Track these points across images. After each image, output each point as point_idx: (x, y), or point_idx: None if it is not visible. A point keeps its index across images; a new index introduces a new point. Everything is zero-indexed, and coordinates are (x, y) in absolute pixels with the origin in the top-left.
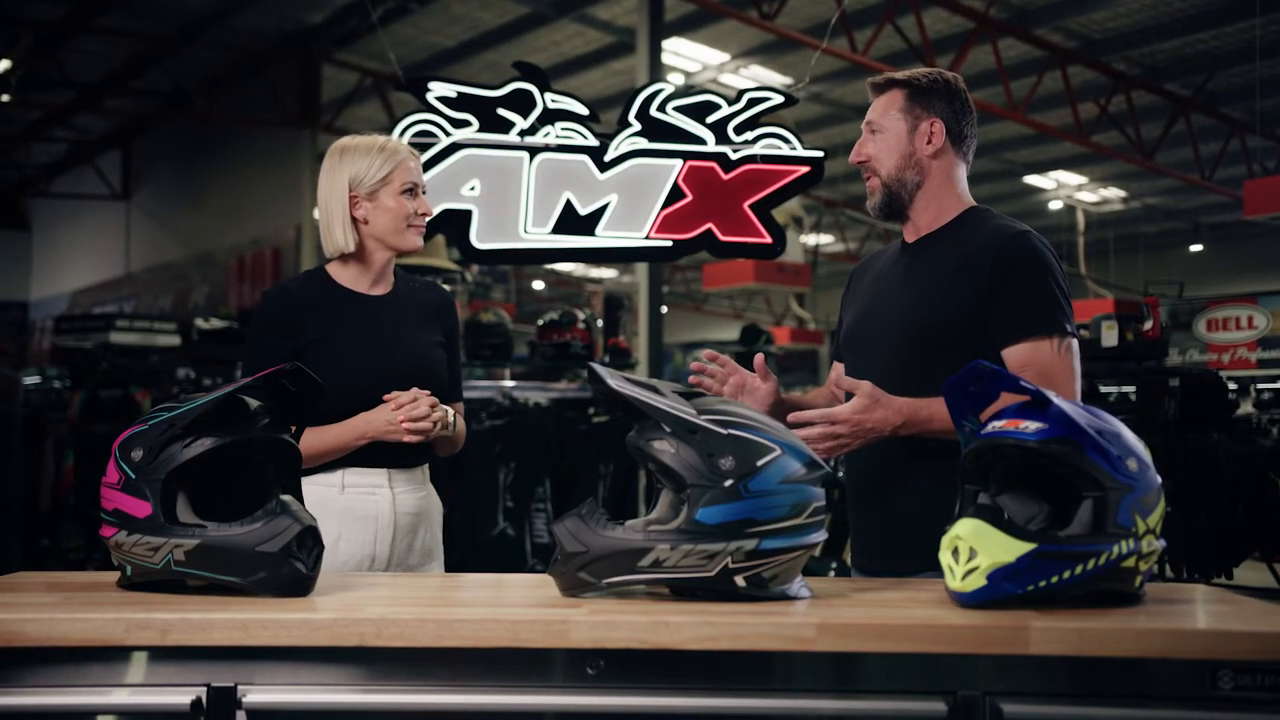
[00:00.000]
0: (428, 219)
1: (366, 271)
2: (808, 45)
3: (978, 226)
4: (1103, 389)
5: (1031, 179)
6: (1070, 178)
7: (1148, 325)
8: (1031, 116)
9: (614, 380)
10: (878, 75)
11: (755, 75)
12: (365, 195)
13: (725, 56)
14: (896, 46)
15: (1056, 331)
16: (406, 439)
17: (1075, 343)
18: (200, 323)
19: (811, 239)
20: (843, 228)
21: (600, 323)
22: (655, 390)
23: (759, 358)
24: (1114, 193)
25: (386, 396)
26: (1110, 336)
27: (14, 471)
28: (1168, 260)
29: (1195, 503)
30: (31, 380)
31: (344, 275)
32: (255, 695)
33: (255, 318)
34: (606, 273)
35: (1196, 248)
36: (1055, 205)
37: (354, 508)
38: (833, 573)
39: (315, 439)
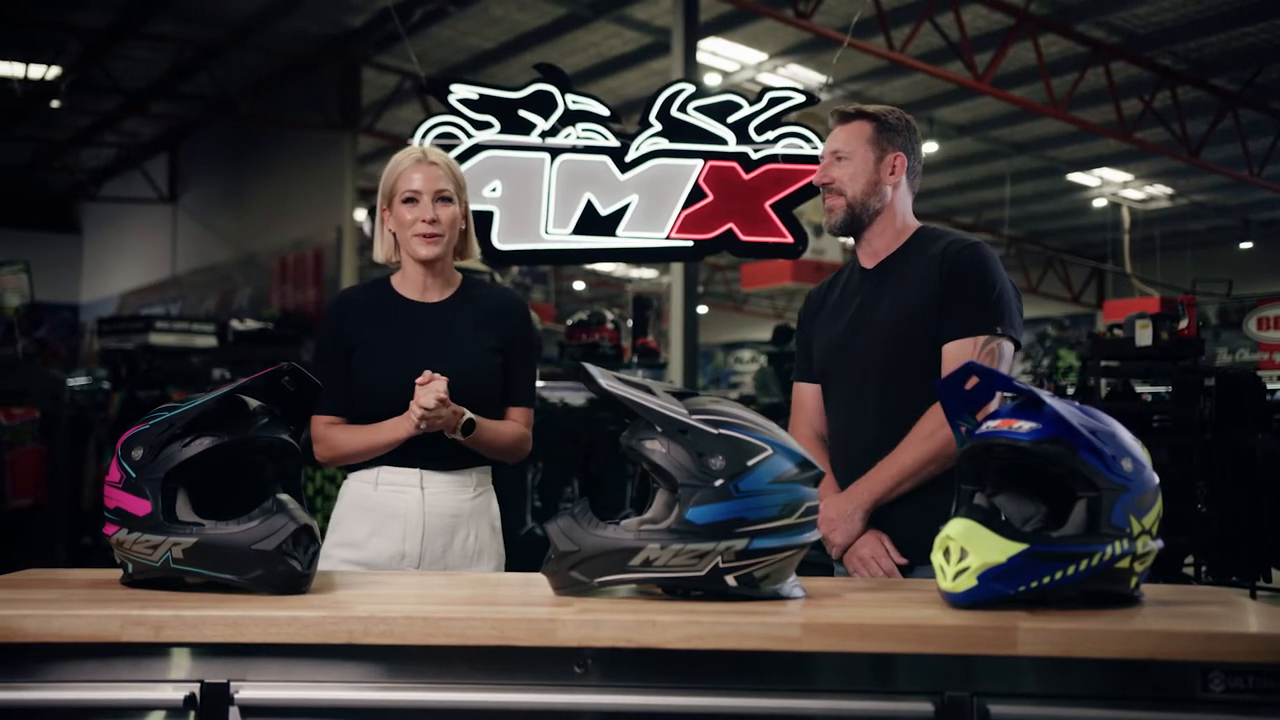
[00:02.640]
0: (434, 225)
1: (416, 280)
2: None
3: (934, 242)
4: (1138, 389)
5: (1075, 176)
6: (1115, 175)
7: (1183, 324)
8: (1073, 113)
9: (605, 380)
10: (845, 106)
11: (793, 74)
12: (388, 206)
13: (763, 56)
14: (935, 44)
15: (985, 331)
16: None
17: (1007, 345)
18: (236, 324)
19: (849, 238)
20: None
21: (630, 323)
22: (647, 390)
23: None
24: (1160, 190)
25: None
26: (1144, 336)
27: (58, 470)
28: (1217, 258)
29: (1233, 504)
30: (80, 382)
31: (401, 284)
32: (247, 691)
33: (322, 319)
34: (647, 273)
35: (1246, 245)
36: (1100, 203)
37: (385, 505)
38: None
39: (361, 435)
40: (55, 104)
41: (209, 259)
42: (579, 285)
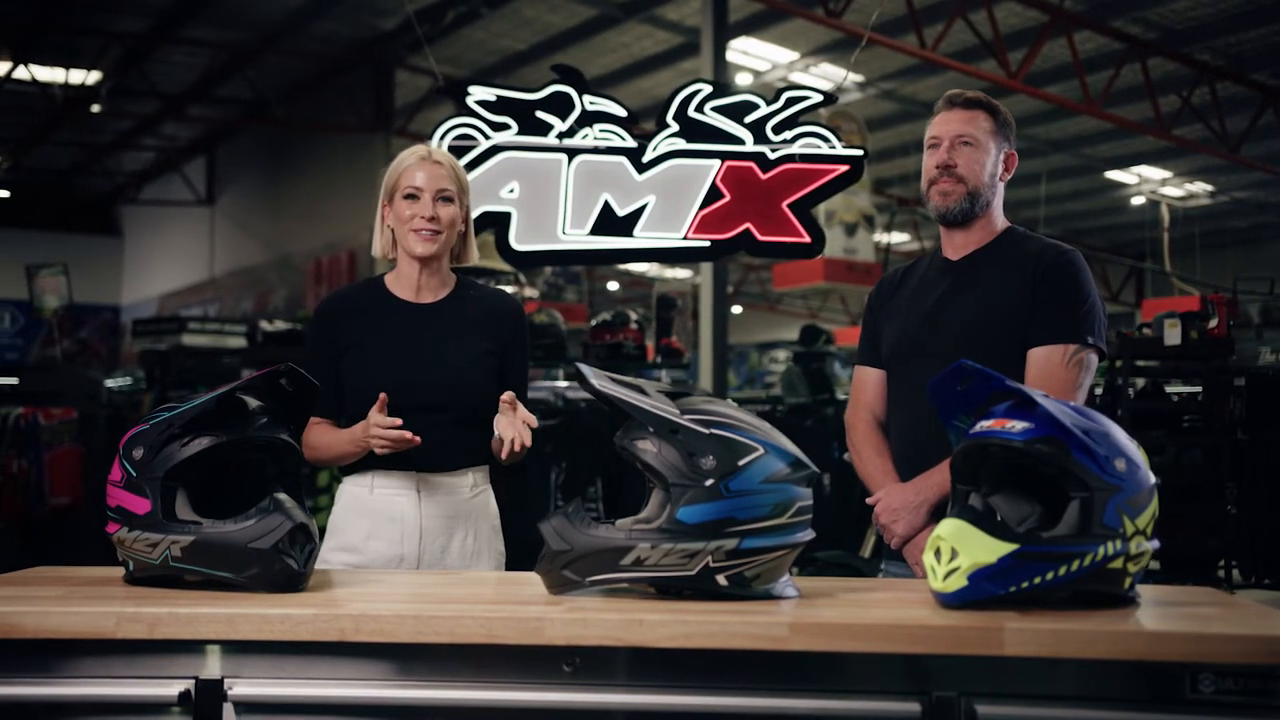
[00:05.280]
0: (433, 224)
1: (411, 279)
2: (878, 42)
3: (1025, 243)
4: (1168, 389)
5: (1113, 174)
6: (1154, 172)
7: (1213, 323)
8: (1110, 110)
9: (598, 380)
10: (964, 91)
11: (825, 73)
12: (389, 202)
13: (794, 55)
14: (968, 41)
15: (1076, 340)
16: (376, 449)
17: (1093, 356)
18: (264, 324)
19: (884, 237)
20: (917, 226)
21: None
22: (640, 390)
23: None
24: (1200, 187)
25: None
26: (1173, 335)
27: (95, 470)
28: (1259, 256)
29: (1264, 505)
30: (121, 382)
31: (394, 283)
32: (241, 688)
33: (310, 321)
34: (681, 273)
35: None
36: (1138, 201)
37: (382, 509)
38: (882, 574)
39: (331, 439)
40: (95, 108)
41: (246, 261)
42: (613, 285)
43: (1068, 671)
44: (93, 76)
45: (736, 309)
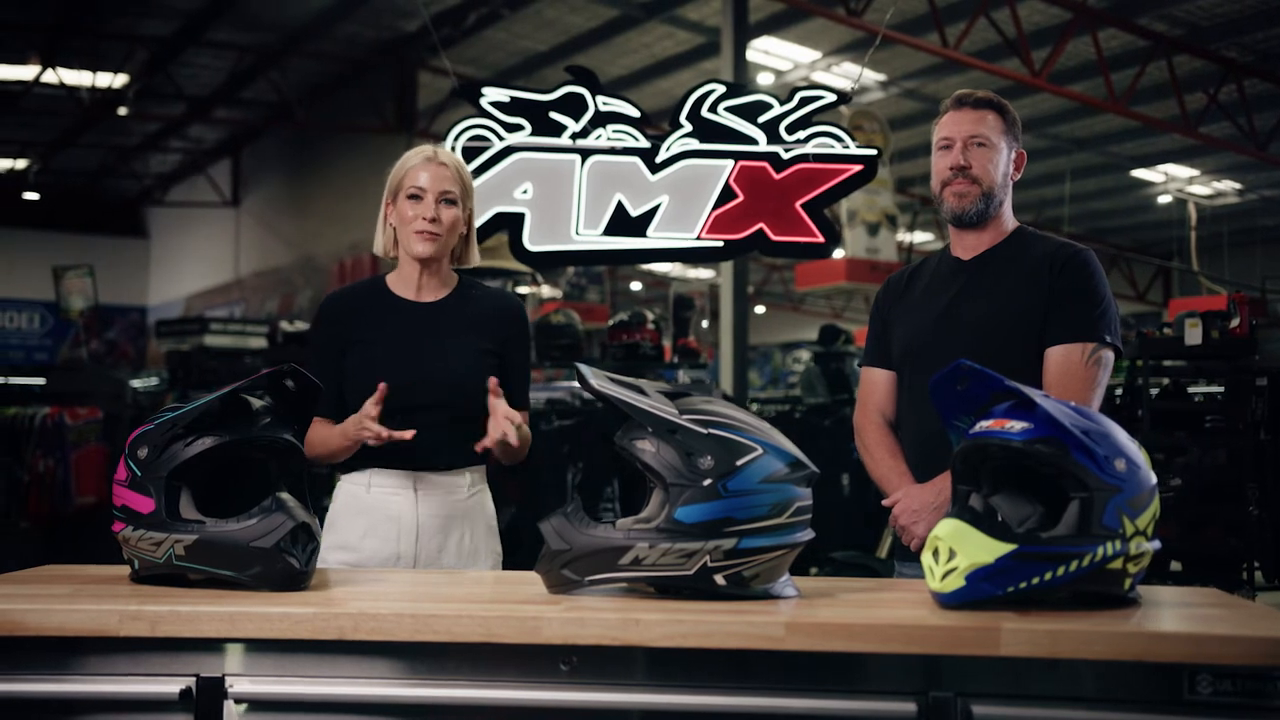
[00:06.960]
0: (435, 225)
1: (411, 278)
2: (900, 41)
3: (1038, 243)
4: (1190, 389)
5: (1139, 172)
6: (1180, 170)
7: (1234, 323)
8: (1135, 108)
9: (596, 380)
10: (974, 91)
11: (847, 72)
12: (391, 201)
13: (816, 54)
14: (991, 40)
15: (1094, 339)
16: (368, 441)
17: (1110, 354)
18: (284, 325)
19: (906, 237)
20: (940, 225)
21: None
22: (639, 390)
23: None
24: (1228, 185)
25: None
26: (1194, 335)
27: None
28: None
29: None
30: (150, 383)
31: (396, 282)
32: (242, 686)
33: (314, 320)
34: (704, 273)
35: None
36: (1165, 199)
37: (378, 507)
38: (897, 575)
39: (324, 435)
40: (122, 111)
41: (271, 262)
42: (635, 286)
43: (1065, 672)
44: (119, 80)
45: (760, 309)
